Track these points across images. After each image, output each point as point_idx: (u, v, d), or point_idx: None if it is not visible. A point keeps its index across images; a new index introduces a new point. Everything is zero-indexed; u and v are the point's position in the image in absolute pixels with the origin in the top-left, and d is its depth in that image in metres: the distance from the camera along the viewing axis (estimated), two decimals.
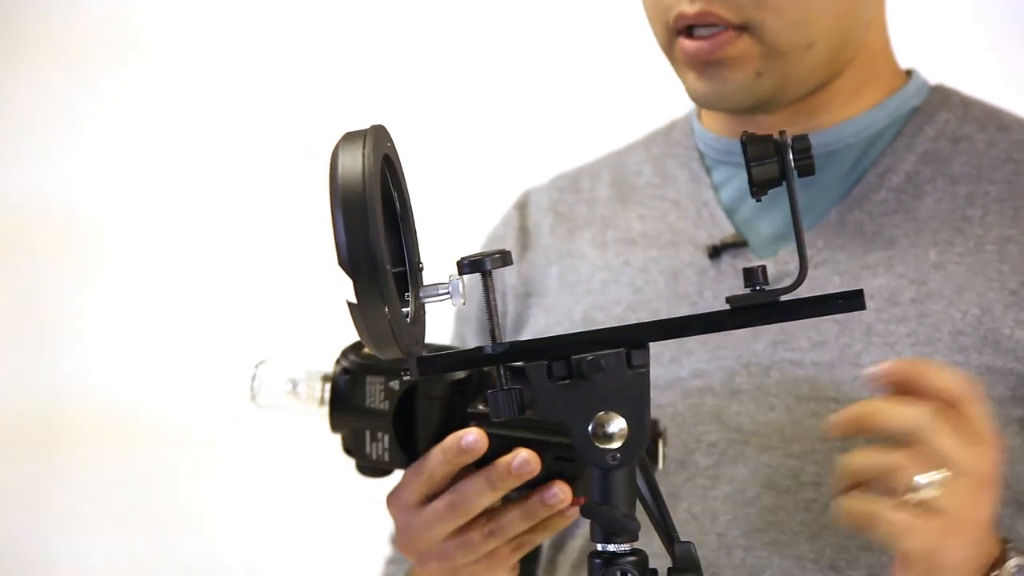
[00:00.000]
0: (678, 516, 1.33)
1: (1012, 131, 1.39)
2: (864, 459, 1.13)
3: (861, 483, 1.13)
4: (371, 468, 1.24)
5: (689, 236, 1.42)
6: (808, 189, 1.37)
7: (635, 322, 1.37)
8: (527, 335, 1.46)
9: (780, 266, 1.36)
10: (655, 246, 1.43)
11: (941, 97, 1.42)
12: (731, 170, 1.43)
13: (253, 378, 1.24)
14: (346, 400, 1.22)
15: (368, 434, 1.22)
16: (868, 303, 1.19)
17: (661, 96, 1.61)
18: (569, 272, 1.46)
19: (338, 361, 1.22)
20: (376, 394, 1.21)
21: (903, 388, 1.13)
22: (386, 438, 1.21)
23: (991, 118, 1.41)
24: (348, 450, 1.24)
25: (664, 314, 1.38)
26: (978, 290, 1.31)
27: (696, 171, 1.45)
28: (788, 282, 1.34)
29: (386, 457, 1.21)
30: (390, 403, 1.20)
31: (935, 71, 1.46)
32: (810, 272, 1.12)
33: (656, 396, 1.16)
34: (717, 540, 1.32)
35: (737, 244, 1.39)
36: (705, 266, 1.40)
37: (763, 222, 1.41)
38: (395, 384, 1.20)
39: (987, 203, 1.35)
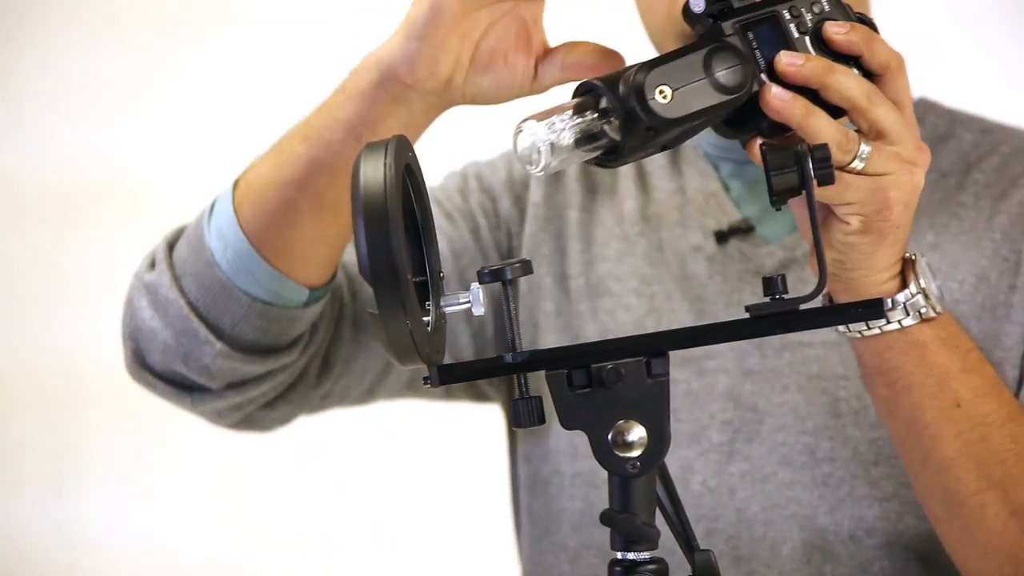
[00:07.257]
0: (692, 489, 1.39)
1: (995, 132, 1.45)
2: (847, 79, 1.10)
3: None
4: None
5: (699, 222, 1.45)
6: None
7: (648, 299, 1.42)
8: (541, 262, 1.47)
9: (787, 252, 1.41)
10: (666, 227, 1.46)
11: (927, 106, 1.47)
12: (734, 166, 1.46)
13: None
14: None
15: None
16: None
17: None
18: (585, 228, 1.48)
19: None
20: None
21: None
22: None
23: (975, 122, 1.46)
24: None
25: (676, 294, 1.42)
26: (973, 260, 1.36)
27: (703, 167, 1.47)
28: (795, 268, 1.38)
29: None
30: None
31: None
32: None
33: (671, 371, 1.16)
34: (736, 515, 1.38)
35: (744, 229, 1.43)
36: (713, 251, 1.43)
37: (770, 209, 1.42)
38: None
39: (977, 189, 1.40)
